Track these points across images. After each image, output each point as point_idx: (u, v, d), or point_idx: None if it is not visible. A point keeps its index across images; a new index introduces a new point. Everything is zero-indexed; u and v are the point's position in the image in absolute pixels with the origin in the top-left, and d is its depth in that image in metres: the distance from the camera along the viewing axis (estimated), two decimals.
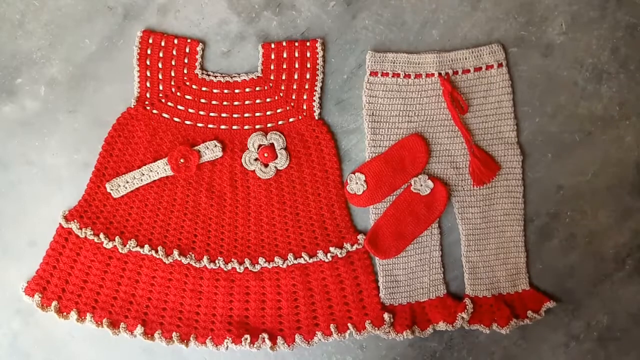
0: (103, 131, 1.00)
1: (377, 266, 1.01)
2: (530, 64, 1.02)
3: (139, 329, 0.97)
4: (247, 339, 0.97)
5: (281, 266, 0.99)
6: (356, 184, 1.00)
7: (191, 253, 0.99)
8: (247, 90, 1.01)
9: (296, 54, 1.00)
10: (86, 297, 0.98)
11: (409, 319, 0.99)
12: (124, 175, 0.99)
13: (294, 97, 1.01)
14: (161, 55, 1.00)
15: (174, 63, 1.01)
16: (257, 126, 1.01)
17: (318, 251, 0.99)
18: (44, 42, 1.01)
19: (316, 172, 1.01)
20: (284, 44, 1.00)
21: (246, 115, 1.01)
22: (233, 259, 0.99)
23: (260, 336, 0.97)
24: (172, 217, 1.00)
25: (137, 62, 1.00)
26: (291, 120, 1.01)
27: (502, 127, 1.01)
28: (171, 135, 1.01)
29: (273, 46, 1.00)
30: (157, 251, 0.99)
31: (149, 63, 1.00)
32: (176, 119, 1.01)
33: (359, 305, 0.99)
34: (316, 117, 1.01)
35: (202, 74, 1.01)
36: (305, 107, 1.01)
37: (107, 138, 1.00)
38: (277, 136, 1.00)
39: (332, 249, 0.99)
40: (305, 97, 1.01)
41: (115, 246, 0.98)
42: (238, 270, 0.99)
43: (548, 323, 1.02)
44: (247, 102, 1.01)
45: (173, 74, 1.01)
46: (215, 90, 1.01)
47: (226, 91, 1.01)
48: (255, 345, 0.97)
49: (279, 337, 0.98)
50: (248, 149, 1.00)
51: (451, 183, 1.01)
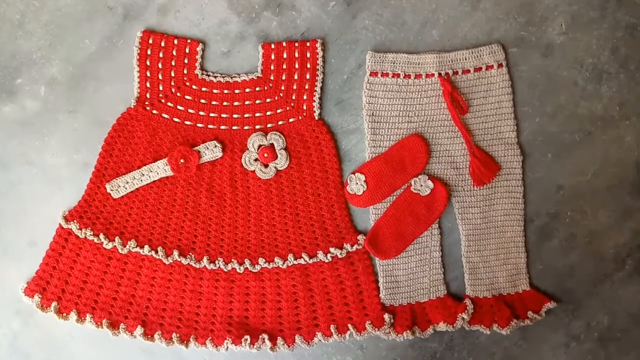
0: (103, 131, 1.00)
1: (377, 267, 1.01)
2: (530, 64, 1.02)
3: (139, 330, 0.97)
4: (247, 339, 0.97)
5: (281, 267, 0.99)
6: (356, 184, 1.00)
7: (191, 253, 0.99)
8: (247, 90, 1.01)
9: (296, 54, 1.00)
10: (86, 297, 0.98)
11: (409, 320, 0.99)
12: (124, 176, 0.99)
13: (294, 97, 1.01)
14: (161, 55, 1.00)
15: (174, 63, 1.01)
16: (257, 126, 1.01)
17: (318, 252, 0.99)
18: (44, 42, 1.01)
19: (316, 173, 1.01)
20: (284, 44, 1.00)
21: (246, 115, 1.01)
22: (233, 260, 0.99)
23: (260, 337, 0.97)
24: (172, 217, 1.00)
25: (137, 62, 1.00)
26: (291, 120, 1.01)
27: (502, 127, 1.01)
28: (171, 135, 1.00)
29: (273, 46, 1.00)
30: (157, 252, 0.98)
31: (149, 63, 1.00)
32: (176, 119, 1.01)
33: (359, 306, 0.99)
34: (316, 118, 1.01)
35: (202, 74, 1.01)
36: (305, 107, 1.01)
37: (107, 138, 1.00)
38: (277, 136, 1.00)
39: (332, 249, 0.99)
40: (305, 97, 1.01)
41: (115, 247, 0.98)
42: (238, 270, 0.99)
43: (548, 323, 1.02)
44: (247, 103, 1.01)
45: (173, 74, 1.01)
46: (215, 91, 1.01)
47: (226, 91, 1.01)
48: (255, 346, 0.97)
49: (279, 337, 0.98)
50: (248, 149, 1.00)
51: (451, 183, 1.01)
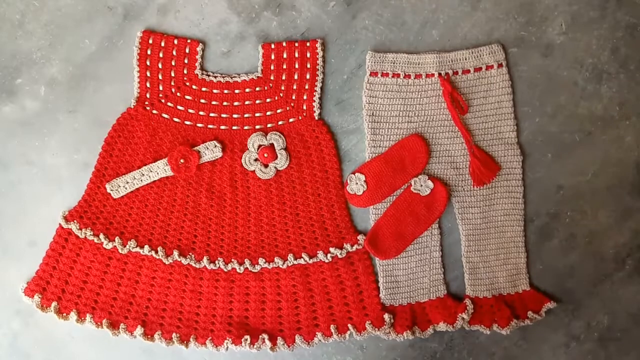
0: (103, 131, 1.00)
1: (377, 266, 1.01)
2: (530, 64, 1.02)
3: (139, 330, 0.97)
4: (247, 339, 0.97)
5: (281, 267, 0.99)
6: (356, 184, 1.00)
7: (191, 254, 0.99)
8: (247, 90, 1.01)
9: (296, 54, 1.00)
10: (86, 297, 0.98)
11: (409, 320, 0.99)
12: (124, 176, 0.99)
13: (294, 97, 1.01)
14: (161, 55, 1.00)
15: (173, 63, 1.01)
16: (257, 126, 1.01)
17: (318, 252, 0.99)
18: (44, 42, 1.01)
19: (316, 173, 1.01)
20: (284, 44, 1.00)
21: (246, 115, 1.01)
22: (233, 260, 0.99)
23: (260, 337, 0.97)
24: (172, 217, 1.00)
25: (137, 62, 1.00)
26: (291, 120, 1.01)
27: (502, 127, 1.01)
28: (171, 135, 1.00)
29: (273, 46, 1.00)
30: (157, 252, 0.98)
31: (149, 63, 1.00)
32: (176, 119, 1.01)
33: (359, 306, 0.99)
34: (316, 118, 1.01)
35: (202, 74, 1.01)
36: (305, 107, 1.01)
37: (107, 138, 1.00)
38: (277, 136, 1.00)
39: (332, 249, 0.99)
40: (305, 97, 1.01)
41: (115, 247, 0.98)
42: (238, 270, 0.99)
43: (548, 323, 1.02)
44: (247, 103, 1.01)
45: (173, 74, 1.01)
46: (215, 91, 1.01)
47: (226, 91, 1.01)
48: (255, 346, 0.97)
49: (279, 337, 0.98)
50: (248, 149, 1.00)
51: (451, 183, 1.01)
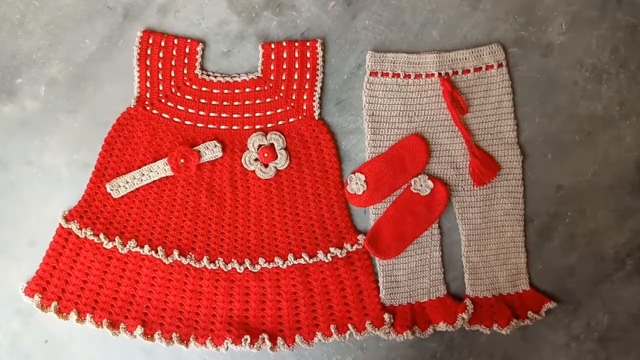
0: (103, 131, 1.00)
1: (377, 266, 1.01)
2: (530, 64, 1.02)
3: (139, 330, 0.97)
4: (247, 339, 0.97)
5: (281, 266, 0.99)
6: (356, 184, 1.00)
7: (191, 253, 0.99)
8: (247, 90, 1.01)
9: (296, 54, 1.00)
10: (86, 297, 0.98)
11: (409, 320, 0.99)
12: (124, 176, 0.99)
13: (294, 97, 1.01)
14: (161, 55, 1.00)
15: (174, 63, 1.01)
16: (257, 126, 1.01)
17: (318, 251, 0.99)
18: (44, 42, 1.01)
19: (316, 172, 1.01)
20: (284, 44, 1.00)
21: (246, 115, 1.01)
22: (233, 259, 0.99)
23: (260, 337, 0.97)
24: (172, 217, 1.00)
25: (137, 62, 1.00)
26: (291, 120, 1.01)
27: (502, 127, 1.01)
28: (171, 135, 1.00)
29: (273, 46, 1.00)
30: (157, 251, 0.98)
31: (149, 63, 1.00)
32: (176, 119, 1.01)
33: (359, 306, 0.99)
34: (316, 117, 1.01)
35: (202, 74, 1.01)
36: (305, 107, 1.01)
37: (107, 138, 1.00)
38: (277, 136, 1.00)
39: (332, 249, 0.99)
40: (305, 97, 1.01)
41: (115, 246, 0.98)
42: (238, 270, 0.99)
43: (548, 323, 1.02)
44: (247, 102, 1.01)
45: (173, 74, 1.01)
46: (215, 91, 1.01)
47: (226, 91, 1.01)
48: (255, 346, 0.97)
49: (279, 337, 0.98)
50: (248, 149, 1.00)
51: (451, 183, 1.01)
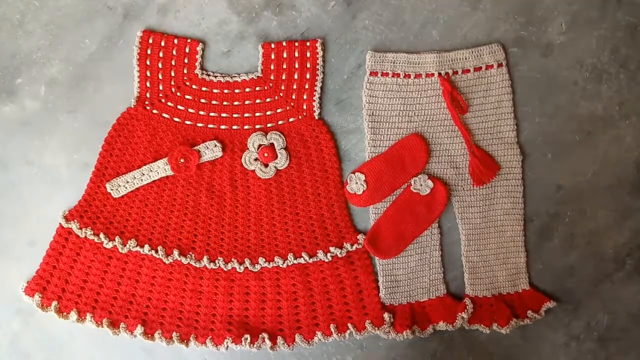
0: (103, 131, 1.00)
1: (377, 266, 1.01)
2: (530, 64, 1.02)
3: (139, 329, 0.97)
4: (247, 338, 0.97)
5: (281, 266, 0.99)
6: (356, 184, 1.00)
7: (191, 253, 0.99)
8: (247, 90, 1.01)
9: (296, 54, 1.00)
10: (86, 297, 0.98)
11: (409, 319, 0.99)
12: (124, 175, 0.99)
13: (294, 97, 1.01)
14: (161, 55, 1.00)
15: (174, 63, 1.01)
16: (257, 126, 1.01)
17: (318, 251, 0.99)
18: (44, 42, 1.01)
19: (316, 172, 1.01)
20: (284, 44, 1.00)
21: (246, 115, 1.01)
22: (233, 259, 0.99)
23: (260, 336, 0.97)
24: (172, 217, 1.00)
25: (137, 62, 1.00)
26: (291, 120, 1.01)
27: (502, 127, 1.01)
28: (171, 135, 1.01)
29: (273, 46, 1.00)
30: (157, 251, 0.99)
31: (149, 63, 1.00)
32: (176, 119, 1.01)
33: (359, 305, 0.99)
34: (316, 117, 1.01)
35: (202, 74, 1.01)
36: (305, 107, 1.01)
37: (107, 138, 1.00)
38: (277, 136, 1.00)
39: (332, 248, 0.99)
40: (305, 97, 1.01)
41: (115, 246, 0.98)
42: (238, 270, 0.99)
43: (548, 323, 1.02)
44: (247, 102, 1.01)
45: (173, 74, 1.01)
46: (215, 90, 1.01)
47: (226, 91, 1.01)
48: (256, 345, 0.97)
49: (279, 337, 0.98)
50: (248, 148, 1.00)
51: (451, 183, 1.01)
